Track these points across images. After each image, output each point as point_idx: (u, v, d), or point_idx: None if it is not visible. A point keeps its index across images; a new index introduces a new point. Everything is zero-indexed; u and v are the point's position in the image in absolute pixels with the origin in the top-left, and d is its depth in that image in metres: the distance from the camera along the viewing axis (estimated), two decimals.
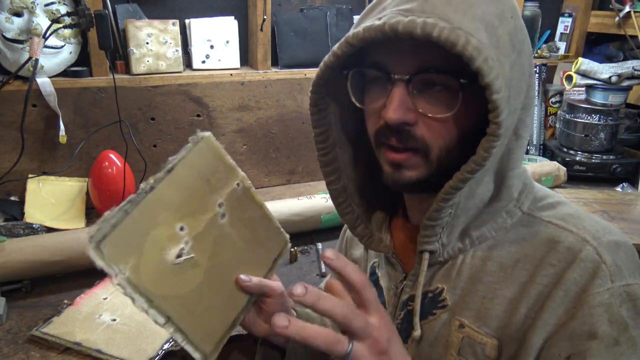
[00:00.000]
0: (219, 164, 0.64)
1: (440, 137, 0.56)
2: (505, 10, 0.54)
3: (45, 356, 0.92)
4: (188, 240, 0.58)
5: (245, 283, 0.63)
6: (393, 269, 0.70)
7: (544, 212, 0.61)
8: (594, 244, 0.55)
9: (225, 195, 0.64)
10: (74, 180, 1.47)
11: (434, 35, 0.48)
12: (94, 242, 0.49)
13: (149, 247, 0.54)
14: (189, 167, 0.59)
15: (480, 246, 0.61)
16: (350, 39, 0.53)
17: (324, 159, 0.66)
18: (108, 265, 0.49)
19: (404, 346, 0.67)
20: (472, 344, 0.59)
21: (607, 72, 1.75)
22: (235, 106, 1.63)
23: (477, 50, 0.48)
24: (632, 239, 1.22)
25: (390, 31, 0.50)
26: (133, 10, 1.53)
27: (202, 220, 0.60)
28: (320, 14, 1.75)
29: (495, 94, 0.49)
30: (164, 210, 0.56)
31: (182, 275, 0.58)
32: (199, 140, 0.61)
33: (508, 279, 0.58)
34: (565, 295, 0.54)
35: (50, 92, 1.38)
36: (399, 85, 0.54)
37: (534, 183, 0.65)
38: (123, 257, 0.51)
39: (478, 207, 0.60)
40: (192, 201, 0.59)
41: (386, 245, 0.69)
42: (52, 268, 1.12)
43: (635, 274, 0.55)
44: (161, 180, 0.55)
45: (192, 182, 0.60)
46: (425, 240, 0.61)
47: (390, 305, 0.70)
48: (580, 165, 1.79)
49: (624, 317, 0.52)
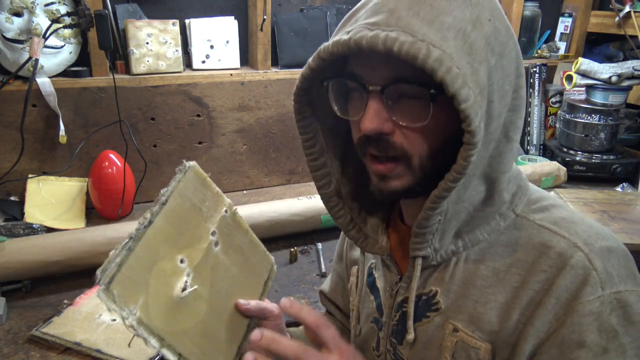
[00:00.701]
0: (207, 192, 0.65)
1: (418, 145, 0.56)
2: (482, 14, 0.53)
3: (45, 356, 0.92)
4: (189, 272, 0.59)
5: (246, 307, 0.65)
6: (388, 271, 0.70)
7: (538, 215, 0.61)
8: (585, 250, 0.55)
9: (216, 223, 0.65)
10: (74, 180, 1.47)
11: (394, 50, 0.49)
12: (104, 285, 0.49)
13: (154, 283, 0.54)
14: (181, 197, 0.60)
15: (474, 249, 0.61)
16: (322, 53, 0.54)
17: (314, 164, 0.66)
18: (120, 308, 0.50)
19: (398, 348, 0.67)
20: (466, 348, 0.60)
21: (607, 72, 1.75)
22: (235, 106, 1.63)
23: (438, 61, 0.48)
24: (632, 239, 1.22)
25: (354, 46, 0.51)
26: (133, 10, 1.53)
27: (199, 250, 0.61)
28: (320, 14, 1.75)
29: (463, 103, 0.49)
30: (164, 243, 0.56)
31: (188, 308, 0.58)
32: (187, 169, 0.62)
33: (500, 284, 0.58)
34: (556, 302, 0.54)
35: (50, 92, 1.38)
36: (373, 96, 0.55)
37: (528, 185, 0.65)
38: (132, 297, 0.51)
39: (468, 211, 0.60)
40: (188, 232, 0.60)
41: (381, 247, 0.69)
42: (52, 268, 1.12)
43: (627, 281, 0.55)
44: (158, 214, 0.56)
45: (186, 212, 0.60)
46: (417, 246, 0.61)
47: (386, 307, 0.70)
48: (580, 165, 1.79)
49: (613, 325, 0.52)
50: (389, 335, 0.69)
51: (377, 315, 0.72)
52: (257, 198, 1.62)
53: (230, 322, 0.64)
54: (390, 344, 0.69)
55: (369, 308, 0.74)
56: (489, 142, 0.55)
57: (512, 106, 0.57)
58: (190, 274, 0.58)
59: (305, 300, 1.14)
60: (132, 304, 0.51)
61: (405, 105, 0.55)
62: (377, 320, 0.72)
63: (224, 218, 0.67)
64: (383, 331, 0.71)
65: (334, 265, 0.90)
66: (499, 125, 0.56)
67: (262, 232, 1.33)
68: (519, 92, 0.57)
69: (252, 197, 1.66)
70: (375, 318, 0.72)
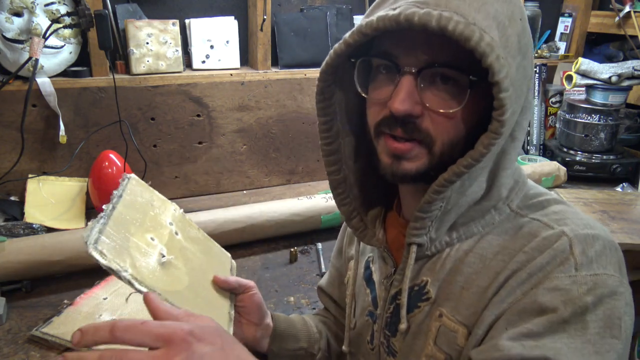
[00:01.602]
0: (153, 195, 0.70)
1: (445, 132, 0.56)
2: (515, 12, 0.54)
3: (45, 356, 0.92)
4: (162, 247, 0.62)
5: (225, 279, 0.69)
6: (384, 263, 0.70)
7: (532, 210, 0.61)
8: (570, 235, 0.55)
9: (170, 216, 0.70)
10: (74, 180, 1.47)
11: (449, 28, 0.48)
12: (92, 244, 0.51)
13: (134, 251, 0.57)
14: (132, 194, 0.65)
15: (467, 241, 0.62)
16: (364, 28, 0.53)
17: (327, 148, 0.66)
18: (113, 262, 0.52)
19: (392, 340, 0.67)
20: (446, 333, 0.60)
21: (607, 72, 1.75)
22: (235, 106, 1.63)
23: (490, 47, 0.49)
24: (632, 239, 1.22)
25: (405, 22, 0.50)
26: (133, 10, 1.53)
27: (164, 234, 0.65)
28: (320, 14, 1.75)
29: (504, 92, 0.50)
30: (131, 224, 0.60)
31: (172, 274, 0.61)
32: (129, 178, 0.68)
33: (485, 269, 0.59)
34: (527, 277, 0.54)
35: (50, 92, 1.38)
36: (407, 77, 0.54)
37: (527, 181, 0.66)
38: (119, 257, 0.54)
39: (469, 205, 0.61)
40: (148, 219, 0.65)
41: (378, 239, 0.69)
42: (52, 268, 1.12)
43: (608, 267, 0.54)
44: (118, 202, 0.61)
45: (140, 205, 0.65)
46: (414, 232, 0.61)
47: (381, 299, 0.70)
48: (580, 165, 1.79)
49: (587, 302, 0.51)
50: (383, 328, 0.70)
51: (372, 308, 0.72)
52: (257, 198, 1.62)
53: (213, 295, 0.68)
54: (383, 337, 0.70)
55: (364, 302, 0.74)
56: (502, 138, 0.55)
57: (522, 107, 0.57)
58: (163, 249, 0.62)
59: (305, 300, 1.14)
60: (121, 262, 0.54)
61: (438, 90, 0.55)
62: (372, 314, 0.72)
63: (174, 213, 0.72)
64: (377, 324, 0.71)
65: (333, 259, 0.91)
66: (512, 124, 0.56)
67: (262, 232, 1.34)
68: (529, 95, 0.58)
69: (252, 197, 1.66)
70: (370, 311, 0.73)
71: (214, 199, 1.64)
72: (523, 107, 0.57)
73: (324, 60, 0.59)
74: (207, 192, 1.67)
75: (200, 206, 1.53)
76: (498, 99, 0.50)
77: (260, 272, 1.24)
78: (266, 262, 1.28)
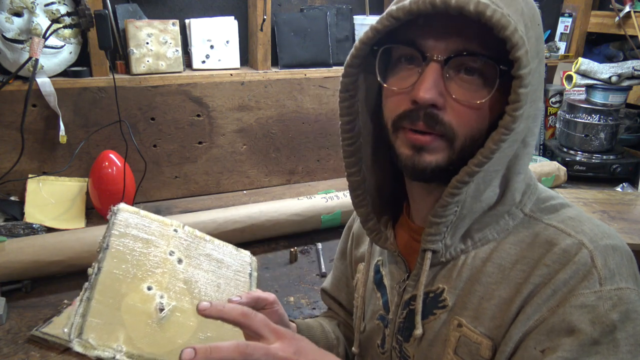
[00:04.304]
0: (146, 220, 0.68)
1: (467, 126, 0.55)
2: (536, 16, 0.54)
3: (45, 356, 0.92)
4: (161, 294, 0.61)
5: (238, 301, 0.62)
6: (397, 268, 0.70)
7: (546, 214, 0.61)
8: (590, 247, 0.55)
9: (170, 245, 0.68)
10: (74, 180, 1.47)
11: (487, 13, 0.47)
12: (76, 338, 0.51)
13: (128, 317, 0.56)
14: (121, 236, 0.63)
15: (482, 248, 0.61)
16: (395, 12, 0.52)
17: (349, 149, 0.65)
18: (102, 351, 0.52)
19: (404, 345, 0.67)
20: (468, 344, 0.60)
21: (607, 72, 1.75)
22: (235, 106, 1.63)
23: (522, 40, 0.48)
24: (632, 239, 1.22)
25: (441, 4, 0.49)
26: (133, 10, 1.53)
27: (163, 273, 0.64)
28: (320, 14, 1.75)
29: (523, 87, 0.49)
30: (121, 281, 0.59)
31: (176, 325, 0.60)
32: (116, 211, 0.65)
33: (505, 280, 0.58)
34: (552, 293, 0.54)
35: (50, 92, 1.38)
36: (433, 65, 0.53)
37: (537, 184, 0.65)
38: (111, 336, 0.54)
39: (483, 210, 0.60)
40: (143, 262, 0.62)
41: (392, 243, 0.69)
42: (52, 268, 1.12)
43: (629, 280, 0.55)
44: (104, 259, 0.59)
45: (132, 246, 0.63)
46: (430, 239, 0.60)
47: (393, 304, 0.70)
48: (580, 165, 1.79)
49: (613, 320, 0.52)
50: (395, 333, 0.69)
51: (383, 312, 0.72)
52: (257, 198, 1.62)
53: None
54: (396, 342, 0.69)
55: (375, 305, 0.74)
56: (514, 141, 0.55)
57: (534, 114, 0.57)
58: (163, 296, 0.61)
59: (305, 300, 1.14)
60: (113, 342, 0.53)
61: (463, 80, 0.54)
62: (383, 318, 0.72)
63: (176, 236, 0.69)
64: (389, 328, 0.70)
65: (336, 262, 0.90)
66: (524, 128, 0.55)
67: (262, 232, 1.34)
68: (539, 102, 0.58)
69: (252, 197, 1.66)
70: (382, 315, 0.72)
71: (214, 199, 1.64)
72: (534, 115, 0.57)
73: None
74: (207, 192, 1.67)
75: (200, 206, 1.53)
76: (516, 93, 0.49)
77: (260, 272, 1.23)
78: (266, 262, 1.28)
